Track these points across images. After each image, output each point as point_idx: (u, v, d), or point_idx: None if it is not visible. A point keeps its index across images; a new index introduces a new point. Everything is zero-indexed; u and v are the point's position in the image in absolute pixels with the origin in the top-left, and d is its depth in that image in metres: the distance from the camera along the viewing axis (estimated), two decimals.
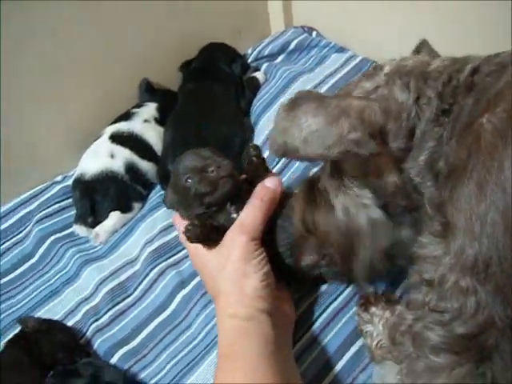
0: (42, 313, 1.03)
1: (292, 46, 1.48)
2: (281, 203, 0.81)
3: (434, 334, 0.58)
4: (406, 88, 0.64)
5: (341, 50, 1.42)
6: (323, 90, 1.26)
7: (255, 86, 1.38)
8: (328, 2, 1.44)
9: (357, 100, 0.63)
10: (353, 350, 0.85)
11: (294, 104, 0.65)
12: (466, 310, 0.55)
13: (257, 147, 0.82)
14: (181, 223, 0.81)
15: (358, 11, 1.38)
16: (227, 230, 0.77)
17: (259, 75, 1.41)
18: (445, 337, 0.57)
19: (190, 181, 0.77)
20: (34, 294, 1.08)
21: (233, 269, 0.74)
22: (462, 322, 0.55)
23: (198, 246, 0.78)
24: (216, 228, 0.78)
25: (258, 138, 1.26)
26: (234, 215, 0.79)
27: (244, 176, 0.85)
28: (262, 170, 0.83)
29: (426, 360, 0.59)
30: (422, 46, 0.79)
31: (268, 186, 0.80)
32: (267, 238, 0.79)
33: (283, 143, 0.65)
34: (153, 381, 0.91)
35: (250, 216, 0.77)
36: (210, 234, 0.77)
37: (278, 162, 1.17)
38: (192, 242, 0.76)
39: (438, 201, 0.60)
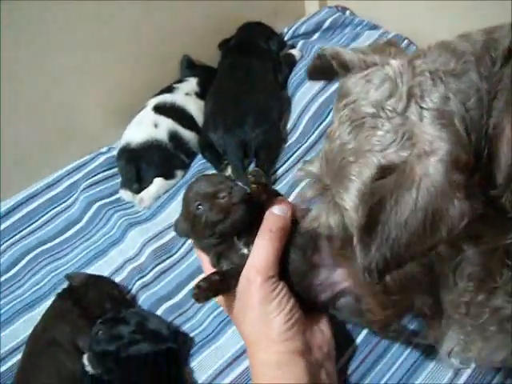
0: (90, 271, 1.07)
1: (326, 24, 1.50)
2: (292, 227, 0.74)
3: None
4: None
5: (374, 27, 1.44)
6: None
7: (291, 62, 1.41)
8: None
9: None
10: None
11: None
12: None
13: (256, 173, 0.72)
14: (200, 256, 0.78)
15: None
16: (241, 271, 0.71)
17: (295, 52, 1.43)
18: None
19: (200, 208, 0.71)
20: (82, 254, 1.13)
21: (254, 315, 0.70)
22: None
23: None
24: (228, 276, 0.72)
25: (295, 109, 1.29)
26: (245, 251, 0.72)
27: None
28: (269, 194, 0.74)
29: None
30: None
31: (277, 214, 0.73)
32: (283, 267, 0.73)
33: None
34: (194, 332, 0.95)
35: (261, 253, 0.70)
36: (220, 288, 0.71)
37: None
38: (200, 302, 0.72)
39: None
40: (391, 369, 0.82)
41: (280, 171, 1.18)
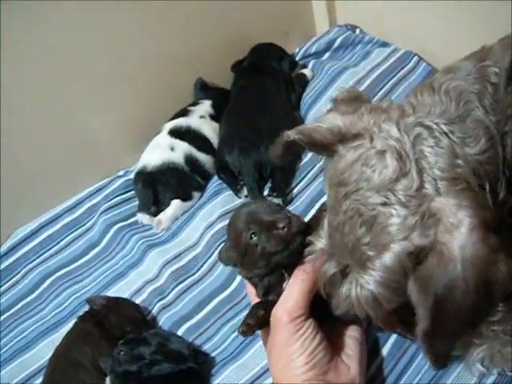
0: (110, 293, 1.08)
1: (337, 43, 1.52)
2: None
3: None
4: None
5: (384, 44, 1.45)
6: (367, 83, 1.31)
7: (304, 82, 1.42)
8: (370, 1, 1.47)
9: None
10: None
11: None
12: None
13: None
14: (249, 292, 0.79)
15: (399, 8, 1.41)
16: None
17: (307, 72, 1.45)
18: None
19: (254, 237, 0.69)
20: (101, 277, 1.14)
21: (277, 354, 0.70)
22: None
23: None
24: (271, 309, 0.71)
25: None
26: (284, 284, 0.72)
27: None
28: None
29: None
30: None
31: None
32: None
33: None
34: (215, 352, 0.95)
35: (292, 293, 0.70)
36: (265, 322, 0.71)
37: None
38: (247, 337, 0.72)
39: None
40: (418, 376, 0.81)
41: (296, 190, 1.19)
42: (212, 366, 0.93)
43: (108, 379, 0.87)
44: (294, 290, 0.70)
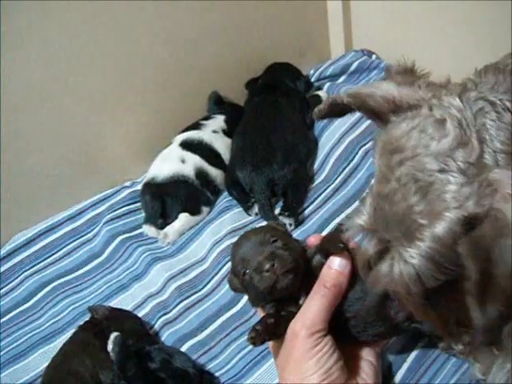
0: (112, 304, 1.04)
1: (353, 67, 1.51)
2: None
3: None
4: None
5: None
6: None
7: (318, 103, 1.39)
8: (387, 26, 1.48)
9: None
10: None
11: None
12: None
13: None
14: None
15: (416, 36, 1.41)
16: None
17: (322, 93, 1.44)
18: None
19: (247, 274, 0.70)
20: (102, 288, 1.10)
21: (292, 370, 0.67)
22: None
23: None
24: (282, 321, 0.69)
25: (322, 150, 1.29)
26: (301, 300, 0.71)
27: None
28: (333, 243, 0.71)
29: None
30: None
31: (333, 269, 0.69)
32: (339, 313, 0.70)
33: None
34: (220, 371, 0.90)
35: (311, 308, 0.68)
36: (275, 332, 0.69)
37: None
38: (256, 346, 0.69)
39: None
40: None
41: (307, 211, 1.16)
42: None
43: None
44: (314, 305, 0.68)
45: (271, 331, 0.68)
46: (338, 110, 0.70)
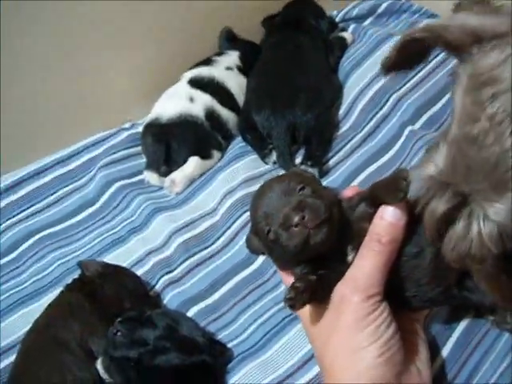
0: (106, 261, 0.92)
1: (381, 9, 1.37)
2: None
3: None
4: None
5: (432, 16, 1.32)
6: None
7: (343, 46, 1.29)
8: None
9: None
10: None
11: None
12: None
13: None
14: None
15: None
16: (339, 278, 0.59)
17: (347, 35, 1.31)
18: None
19: (271, 234, 0.59)
20: (95, 241, 0.99)
21: (340, 341, 0.58)
22: None
23: None
24: (325, 281, 0.59)
25: (348, 96, 1.17)
26: (350, 257, 0.60)
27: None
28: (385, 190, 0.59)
29: None
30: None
31: (388, 221, 0.58)
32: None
33: None
34: (233, 342, 0.80)
35: (365, 267, 0.58)
36: (318, 292, 0.58)
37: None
38: (296, 309, 0.58)
39: None
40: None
41: (332, 162, 1.05)
42: (229, 360, 0.78)
43: (100, 361, 0.73)
44: (368, 264, 0.58)
45: (313, 290, 0.56)
46: (408, 56, 0.59)
